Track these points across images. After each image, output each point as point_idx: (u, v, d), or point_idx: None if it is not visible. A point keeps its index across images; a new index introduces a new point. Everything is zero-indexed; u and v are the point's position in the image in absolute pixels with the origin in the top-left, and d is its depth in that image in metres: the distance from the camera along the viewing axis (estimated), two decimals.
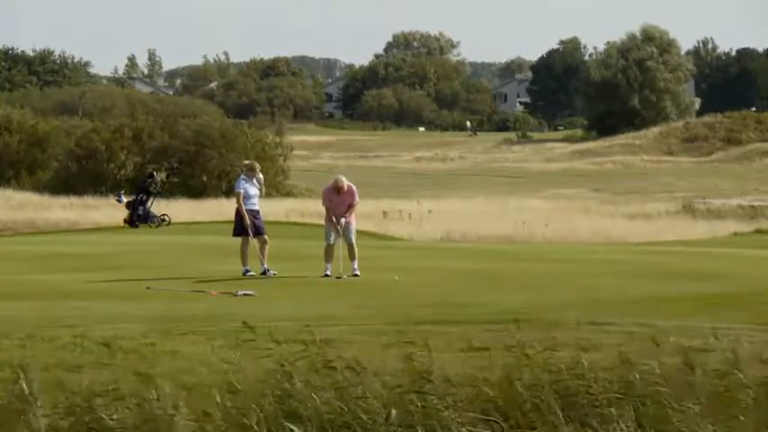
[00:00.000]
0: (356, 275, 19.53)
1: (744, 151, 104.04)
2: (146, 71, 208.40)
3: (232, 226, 20.82)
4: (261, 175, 20.86)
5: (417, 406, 7.58)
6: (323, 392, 7.70)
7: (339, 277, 19.35)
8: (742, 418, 7.66)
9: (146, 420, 7.44)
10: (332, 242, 19.94)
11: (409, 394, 7.74)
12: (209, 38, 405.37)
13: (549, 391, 7.85)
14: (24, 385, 7.74)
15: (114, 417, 7.42)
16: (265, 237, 20.29)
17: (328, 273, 19.61)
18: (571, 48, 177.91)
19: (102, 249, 26.55)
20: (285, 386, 7.83)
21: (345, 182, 20.17)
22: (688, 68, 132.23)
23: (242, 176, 20.74)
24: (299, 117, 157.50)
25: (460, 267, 21.67)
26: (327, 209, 20.26)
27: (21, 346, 10.11)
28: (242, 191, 20.39)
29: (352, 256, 19.90)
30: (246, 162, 22.09)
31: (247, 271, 19.86)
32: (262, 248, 20.13)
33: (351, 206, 20.21)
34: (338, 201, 20.17)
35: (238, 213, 20.40)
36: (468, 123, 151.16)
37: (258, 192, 20.70)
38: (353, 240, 20.09)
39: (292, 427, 7.37)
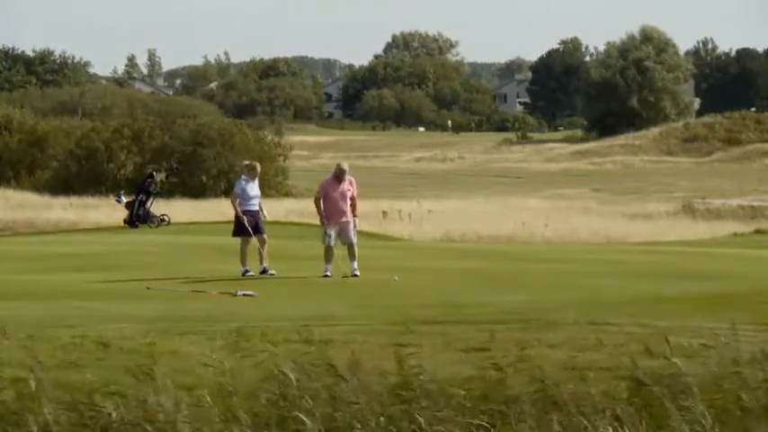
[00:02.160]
0: (356, 275, 19.49)
1: (743, 151, 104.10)
2: (145, 71, 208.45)
3: (231, 226, 20.77)
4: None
5: (409, 408, 7.57)
6: (321, 393, 7.71)
7: (345, 276, 19.32)
8: (741, 417, 7.66)
9: (146, 418, 7.44)
10: (331, 244, 19.85)
11: (409, 396, 7.74)
12: (209, 38, 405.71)
13: (546, 392, 7.85)
14: (32, 383, 7.76)
15: (114, 414, 7.43)
16: (264, 236, 20.26)
17: (328, 273, 19.57)
18: (571, 48, 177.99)
19: (102, 249, 26.54)
20: (279, 390, 7.84)
21: (347, 168, 20.08)
22: (687, 68, 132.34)
23: (242, 176, 20.67)
24: (299, 117, 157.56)
25: (460, 267, 21.66)
26: (320, 210, 20.06)
27: (21, 346, 10.11)
28: (239, 191, 20.36)
29: (352, 256, 19.85)
30: (247, 162, 21.96)
31: (247, 271, 19.82)
32: (261, 247, 20.09)
33: (352, 199, 20.05)
34: (338, 193, 19.90)
35: (237, 214, 20.30)
36: (450, 123, 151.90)
37: (259, 192, 20.65)
38: (354, 240, 20.00)
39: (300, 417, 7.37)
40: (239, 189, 20.41)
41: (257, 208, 20.45)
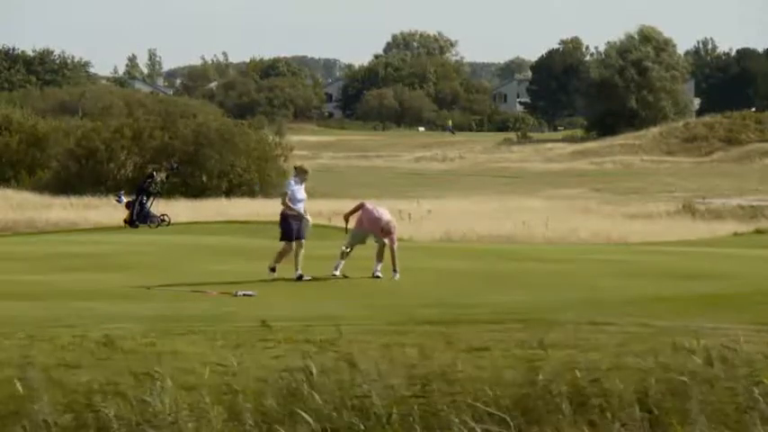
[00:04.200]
0: (377, 277, 19.44)
1: (744, 151, 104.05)
2: (146, 71, 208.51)
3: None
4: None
5: (418, 406, 7.58)
6: (325, 393, 7.71)
7: (345, 276, 19.31)
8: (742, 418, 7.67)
9: (146, 419, 7.45)
10: (351, 245, 19.80)
11: (411, 396, 7.74)
12: (209, 38, 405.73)
13: (545, 392, 7.86)
14: (30, 383, 7.76)
15: (114, 414, 7.43)
16: (303, 241, 19.85)
17: (336, 273, 19.52)
18: (571, 48, 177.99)
19: (102, 249, 26.53)
20: (287, 386, 7.84)
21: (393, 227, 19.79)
22: (684, 67, 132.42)
23: (292, 178, 20.33)
24: (300, 117, 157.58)
25: (461, 267, 21.66)
26: (355, 211, 20.03)
27: (21, 346, 10.11)
28: (288, 192, 19.92)
29: (380, 258, 19.73)
30: (298, 165, 21.71)
31: (273, 270, 19.39)
32: (297, 252, 19.63)
33: (386, 233, 19.88)
34: (375, 226, 19.81)
35: (284, 217, 19.82)
36: (450, 122, 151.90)
37: (305, 197, 20.11)
38: (385, 242, 19.91)
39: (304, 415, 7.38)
40: (288, 189, 20.00)
41: (303, 212, 19.98)
